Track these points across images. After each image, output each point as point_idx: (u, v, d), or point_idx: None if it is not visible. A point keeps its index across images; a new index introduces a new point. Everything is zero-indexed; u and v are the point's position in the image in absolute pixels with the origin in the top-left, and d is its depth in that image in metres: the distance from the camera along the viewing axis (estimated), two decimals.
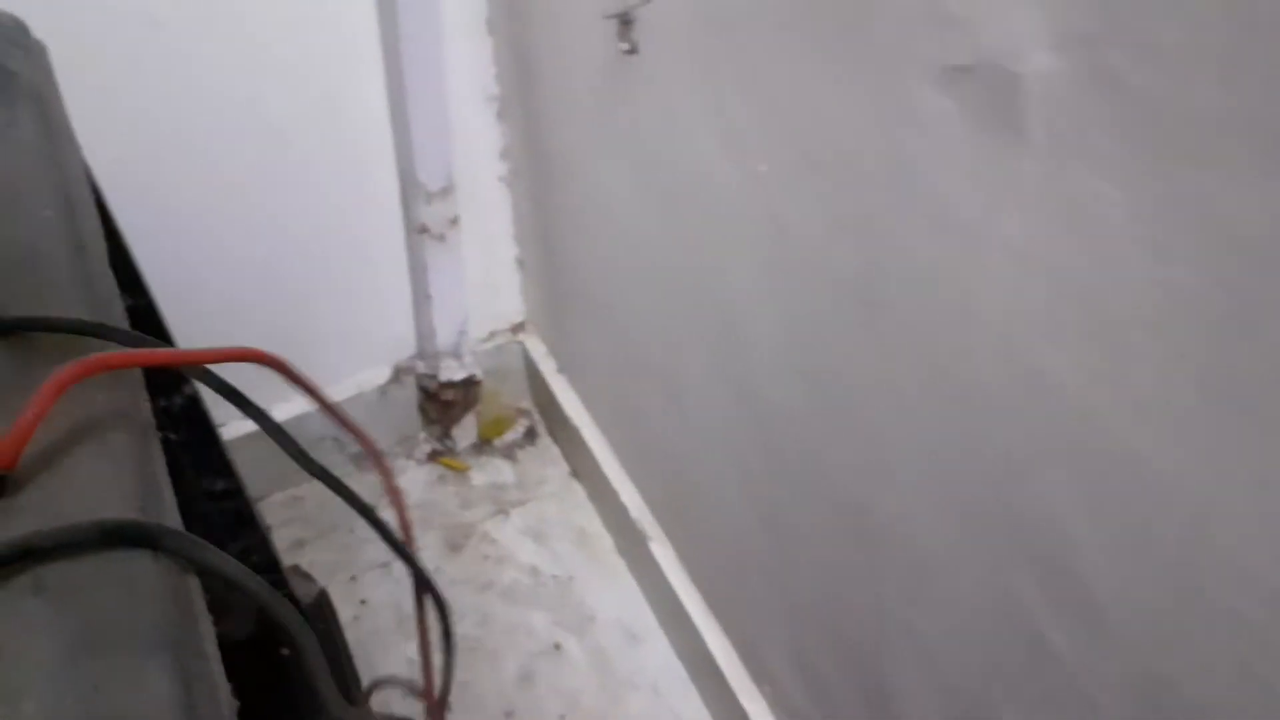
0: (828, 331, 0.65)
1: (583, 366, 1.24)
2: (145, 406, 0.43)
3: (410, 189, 1.08)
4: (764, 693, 0.98)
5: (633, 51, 0.75)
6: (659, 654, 1.13)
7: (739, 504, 0.90)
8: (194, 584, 0.37)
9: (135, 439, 0.39)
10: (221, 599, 0.42)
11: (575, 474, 1.32)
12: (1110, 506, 0.47)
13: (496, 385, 1.35)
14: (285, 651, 1.04)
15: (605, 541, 1.25)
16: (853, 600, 0.75)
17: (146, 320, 0.77)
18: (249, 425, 0.54)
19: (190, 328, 0.79)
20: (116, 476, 0.37)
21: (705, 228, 0.77)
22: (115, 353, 0.35)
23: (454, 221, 1.12)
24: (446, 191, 1.09)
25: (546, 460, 1.36)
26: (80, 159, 0.56)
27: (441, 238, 1.12)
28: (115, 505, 0.35)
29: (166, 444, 0.45)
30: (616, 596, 1.19)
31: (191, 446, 0.90)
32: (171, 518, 0.39)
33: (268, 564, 1.05)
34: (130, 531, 0.34)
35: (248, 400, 0.49)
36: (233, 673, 0.38)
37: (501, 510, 1.30)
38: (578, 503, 1.30)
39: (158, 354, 0.37)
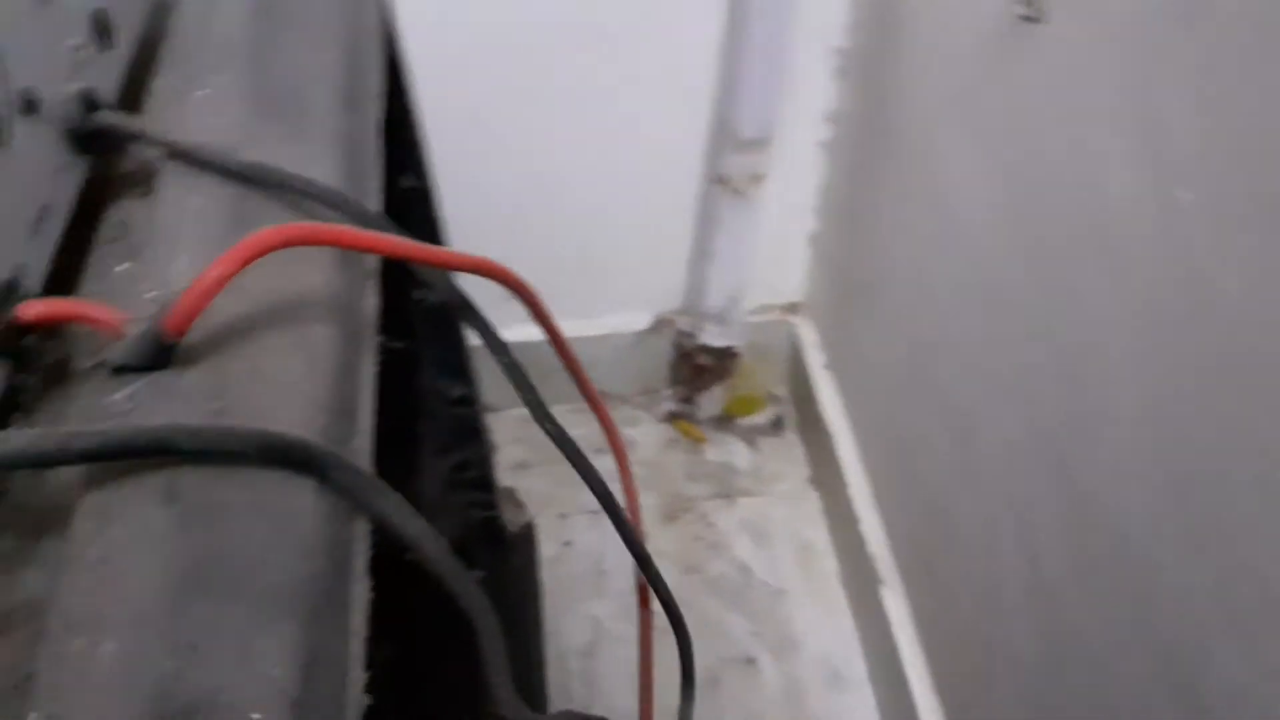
0: (1223, 429, 0.50)
1: (855, 368, 1.11)
2: (370, 302, 0.36)
3: (720, 131, 0.99)
4: None
5: (1033, 19, 0.61)
6: (861, 708, 1.00)
7: (1010, 586, 0.75)
8: (359, 533, 0.29)
9: (343, 338, 0.32)
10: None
11: (815, 481, 1.20)
12: None
13: (755, 363, 1.25)
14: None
15: (830, 564, 1.12)
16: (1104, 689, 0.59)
17: (418, 205, 0.72)
18: (505, 337, 0.48)
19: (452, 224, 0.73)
20: (305, 378, 0.29)
21: (1070, 253, 0.62)
22: (329, 226, 0.27)
23: (758, 179, 1.02)
24: (759, 144, 0.98)
25: (788, 456, 1.24)
26: (384, 11, 0.50)
27: (739, 193, 1.03)
28: (292, 414, 0.28)
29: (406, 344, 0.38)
30: (829, 629, 1.07)
31: (435, 345, 0.87)
32: (360, 445, 0.31)
33: (483, 481, 1.02)
34: (296, 453, 0.27)
35: (487, 324, 0.41)
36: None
37: (727, 495, 1.20)
38: (810, 513, 1.18)
39: (391, 243, 0.29)
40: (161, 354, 0.27)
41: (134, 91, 0.39)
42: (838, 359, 1.16)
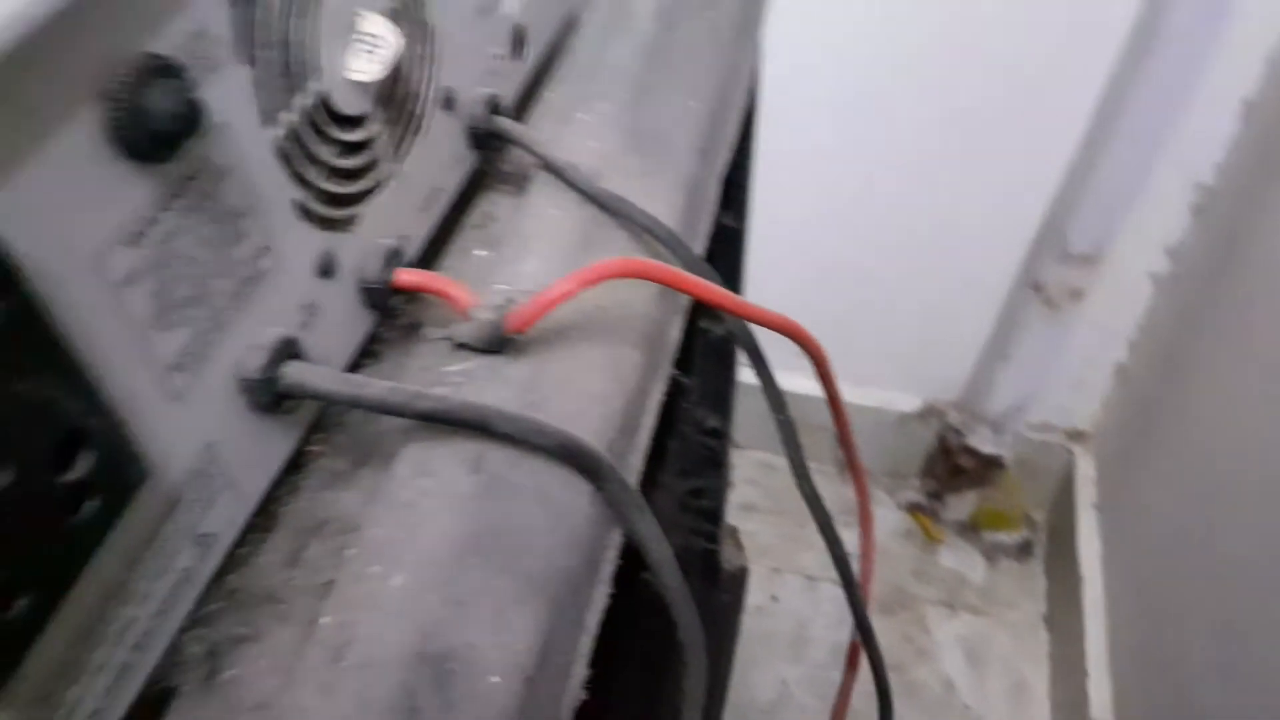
0: None
1: (1127, 516, 1.03)
2: (674, 335, 0.38)
3: (1048, 237, 0.96)
4: None
5: None
6: None
7: None
8: (613, 542, 0.32)
9: (645, 366, 0.35)
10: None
11: (1049, 620, 1.12)
12: None
13: (1019, 479, 1.19)
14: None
15: (1042, 711, 1.05)
16: None
17: (730, 243, 0.75)
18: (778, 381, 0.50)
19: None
20: (605, 396, 0.32)
21: None
22: (664, 266, 0.30)
23: (1076, 294, 0.97)
24: (1088, 260, 0.94)
25: (1027, 586, 1.17)
26: (754, 64, 0.53)
27: (1052, 304, 0.98)
28: (589, 423, 0.31)
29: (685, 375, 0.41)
30: None
31: (705, 374, 0.89)
32: (634, 463, 0.34)
33: (713, 514, 1.04)
34: (586, 459, 0.29)
35: (771, 375, 0.42)
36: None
37: (950, 605, 1.15)
38: (1035, 650, 1.11)
39: (711, 290, 0.32)
40: (498, 343, 0.31)
41: (525, 100, 0.44)
42: (1110, 501, 1.08)
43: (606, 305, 0.34)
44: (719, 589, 1.09)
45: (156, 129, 0.21)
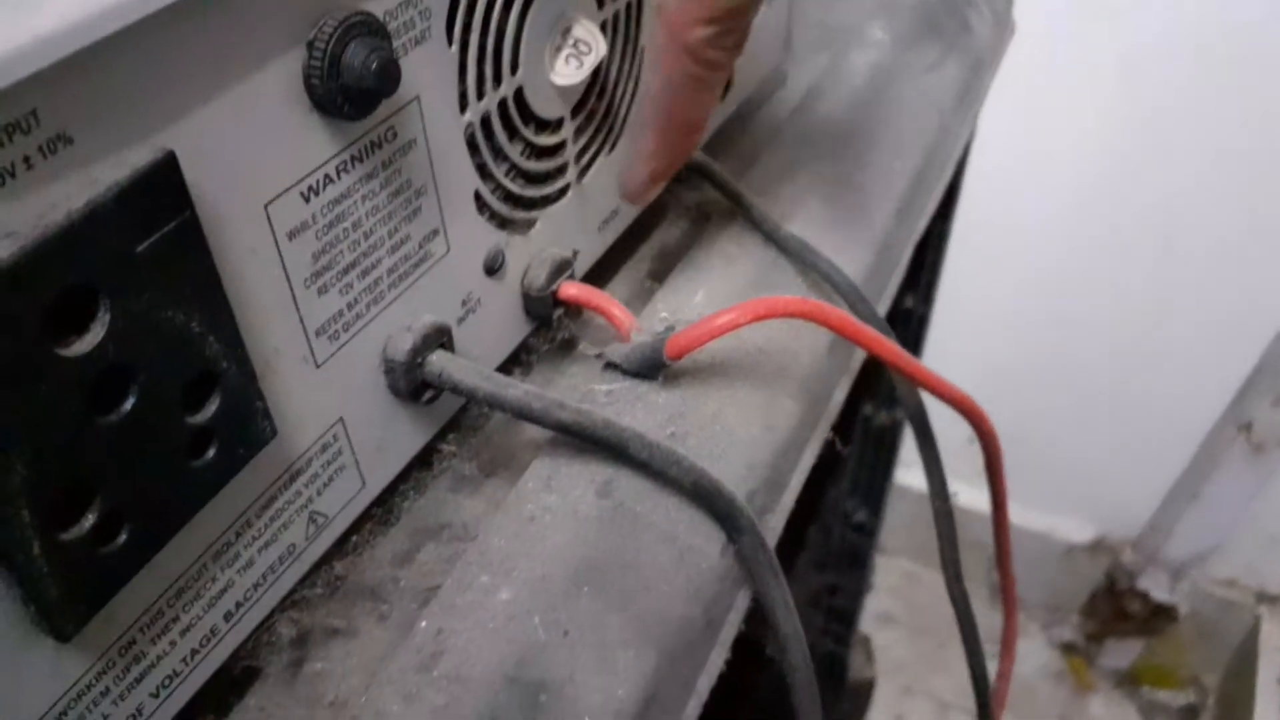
0: None
1: None
2: (838, 397, 0.36)
3: (1264, 376, 0.87)
4: None
5: None
6: None
7: None
8: (739, 603, 0.29)
9: (801, 419, 0.32)
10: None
11: None
12: None
13: (1192, 635, 1.07)
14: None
15: None
16: None
17: (910, 327, 0.72)
18: (916, 480, 0.45)
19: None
20: (753, 442, 0.30)
21: None
22: (837, 311, 0.28)
23: None
24: None
25: None
26: (966, 140, 0.50)
27: (1260, 448, 0.89)
28: (732, 467, 0.29)
29: (835, 451, 0.38)
30: None
31: (863, 463, 0.85)
32: (774, 524, 0.31)
33: (846, 615, 0.98)
34: (722, 504, 0.27)
35: (940, 465, 0.39)
36: None
37: None
38: None
39: (888, 347, 0.29)
40: (652, 368, 0.29)
41: (720, 138, 0.43)
42: None
43: (770, 350, 0.32)
44: (842, 697, 1.02)
45: (351, 84, 0.21)
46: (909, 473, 1.19)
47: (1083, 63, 0.83)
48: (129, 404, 0.18)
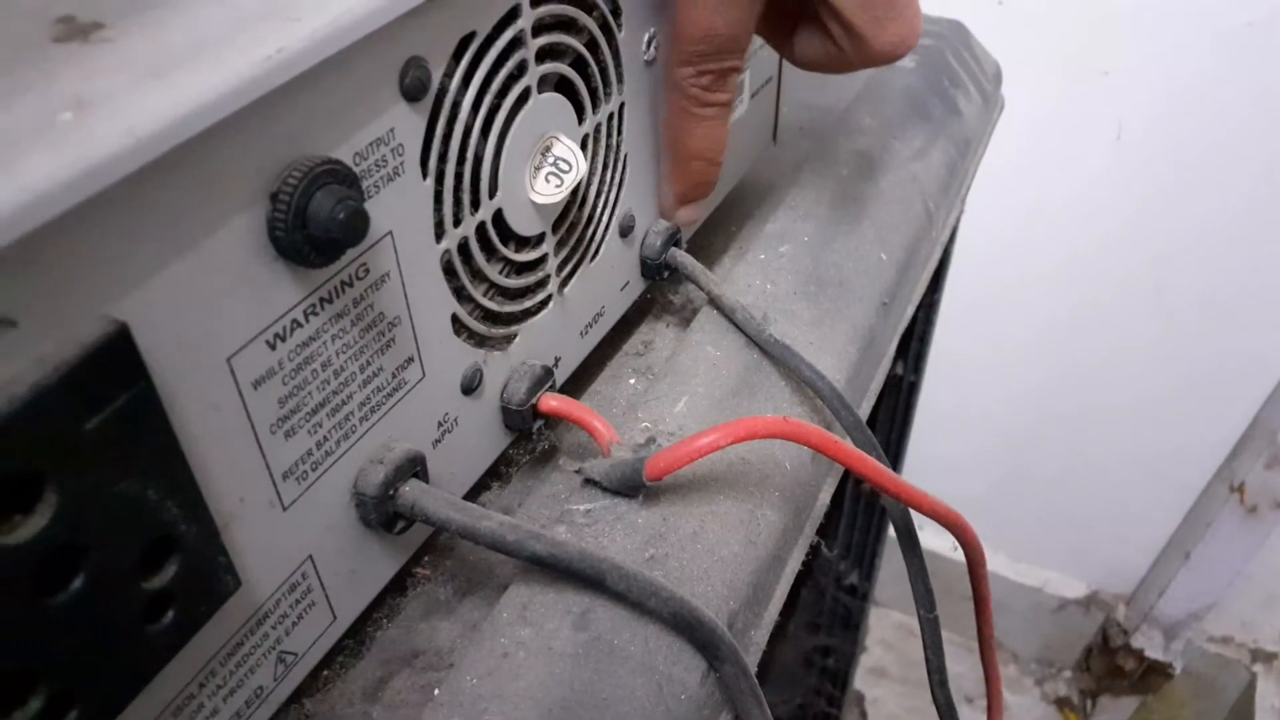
0: None
1: None
2: (823, 500, 0.35)
3: (1258, 437, 0.87)
4: None
5: None
6: None
7: None
8: None
9: (784, 529, 0.32)
10: None
11: None
12: None
13: (1187, 693, 1.06)
14: None
15: None
16: None
17: (900, 394, 0.71)
18: (925, 541, 0.44)
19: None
20: (737, 558, 0.30)
21: None
22: (819, 432, 0.27)
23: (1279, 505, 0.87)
24: None
25: None
26: (954, 221, 0.50)
27: (1253, 510, 0.89)
28: (713, 588, 0.28)
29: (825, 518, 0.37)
30: None
31: (854, 526, 0.85)
32: (758, 639, 0.31)
33: (838, 676, 0.97)
34: (702, 633, 0.27)
35: (925, 572, 0.39)
36: None
37: None
38: None
39: (869, 466, 0.29)
40: (632, 487, 0.29)
41: (704, 231, 0.43)
42: None
43: (753, 459, 0.32)
44: None
45: (318, 235, 0.20)
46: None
47: (1074, 128, 0.83)
48: (78, 582, 0.17)
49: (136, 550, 0.18)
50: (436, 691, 0.25)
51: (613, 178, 0.32)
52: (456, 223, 0.26)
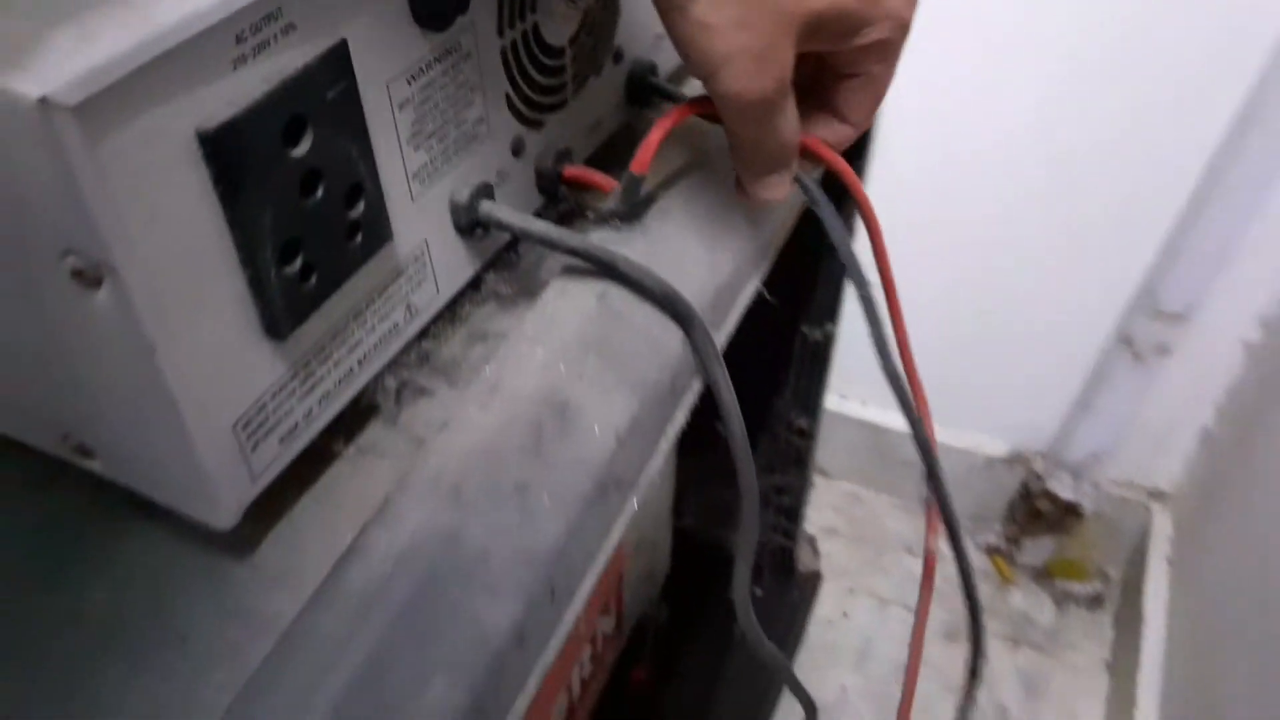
0: None
1: (1197, 572, 1.06)
2: (778, 242, 0.48)
3: (1142, 294, 1.01)
4: None
5: None
6: None
7: None
8: (694, 387, 0.41)
9: (739, 271, 0.45)
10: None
11: (1111, 668, 1.15)
12: None
13: (1096, 533, 1.22)
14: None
15: None
16: None
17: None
18: (855, 409, 0.53)
19: None
20: (703, 281, 0.42)
21: None
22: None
23: (1163, 351, 1.02)
24: (1177, 319, 0.99)
25: (1092, 634, 1.20)
26: None
27: (1140, 359, 1.03)
28: (691, 286, 0.41)
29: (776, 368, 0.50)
30: None
31: (801, 376, 0.98)
32: (720, 337, 0.44)
33: (792, 511, 1.11)
34: (683, 308, 0.39)
35: (854, 261, 0.48)
36: None
37: (1014, 639, 1.19)
38: (1092, 692, 1.14)
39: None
40: (634, 208, 0.41)
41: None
42: (1184, 557, 1.11)
43: (717, 211, 0.44)
44: (792, 586, 1.16)
45: (439, 5, 0.32)
46: (846, 403, 1.33)
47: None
48: (320, 193, 0.30)
49: (345, 186, 0.31)
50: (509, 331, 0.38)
51: (610, 16, 0.44)
52: (512, 25, 0.38)
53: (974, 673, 0.62)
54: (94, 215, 0.23)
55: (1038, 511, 1.21)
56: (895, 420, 1.38)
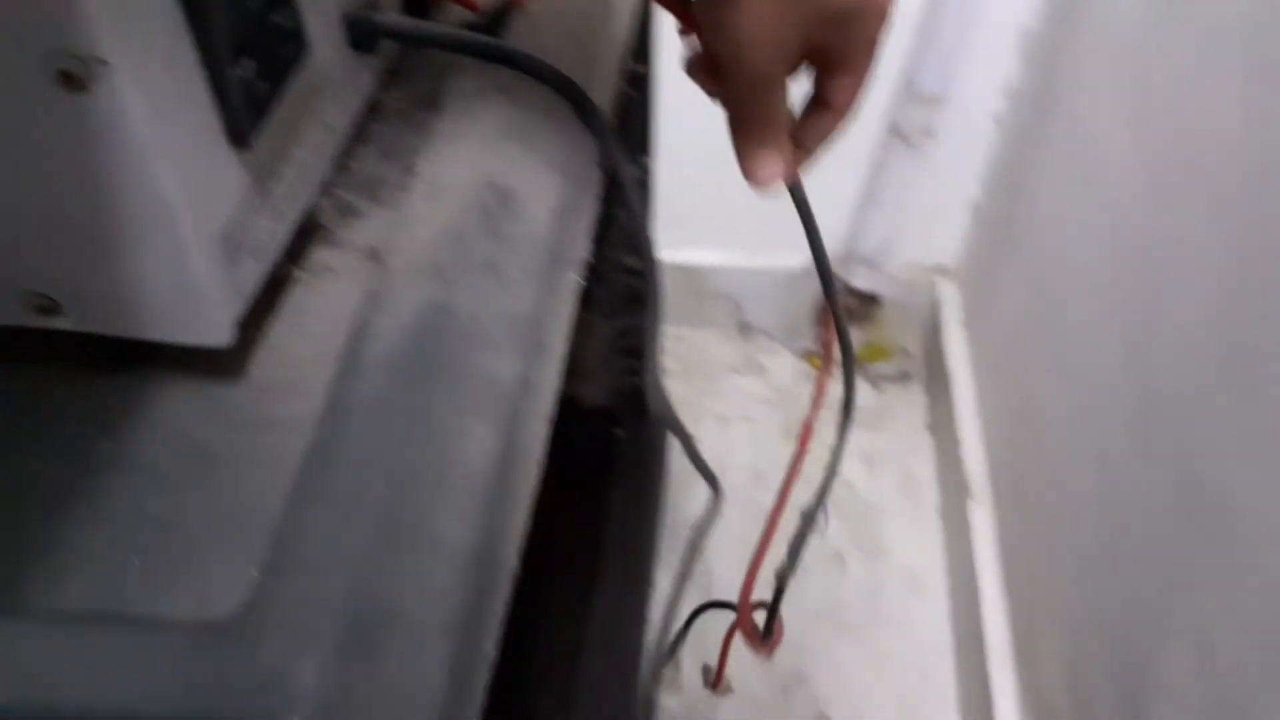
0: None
1: (988, 325, 1.21)
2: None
3: (906, 85, 1.11)
4: (1019, 675, 0.94)
5: None
6: (932, 613, 1.11)
7: (1082, 477, 0.85)
8: (596, 160, 0.44)
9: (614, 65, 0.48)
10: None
11: (932, 428, 1.30)
12: None
13: (894, 316, 1.36)
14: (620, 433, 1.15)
15: (930, 495, 1.23)
16: (1152, 582, 0.70)
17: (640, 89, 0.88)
18: (667, 255, 0.54)
19: None
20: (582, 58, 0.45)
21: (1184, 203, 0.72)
22: None
23: (930, 133, 1.13)
24: (936, 101, 1.10)
25: (910, 403, 1.35)
26: None
27: (910, 144, 1.14)
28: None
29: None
30: (917, 548, 1.18)
31: (624, 219, 1.02)
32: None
33: (636, 350, 1.17)
34: (578, 94, 0.42)
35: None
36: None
37: None
38: (920, 451, 1.29)
39: None
40: (497, 20, 0.43)
41: None
42: (974, 317, 1.26)
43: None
44: (647, 424, 1.22)
45: None
46: (666, 252, 1.38)
47: None
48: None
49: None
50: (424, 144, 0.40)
51: None
52: None
53: (847, 413, 0.70)
54: (88, 9, 0.24)
55: (843, 307, 1.34)
56: (702, 257, 1.46)
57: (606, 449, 1.31)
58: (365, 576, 0.28)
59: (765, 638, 0.74)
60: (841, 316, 0.61)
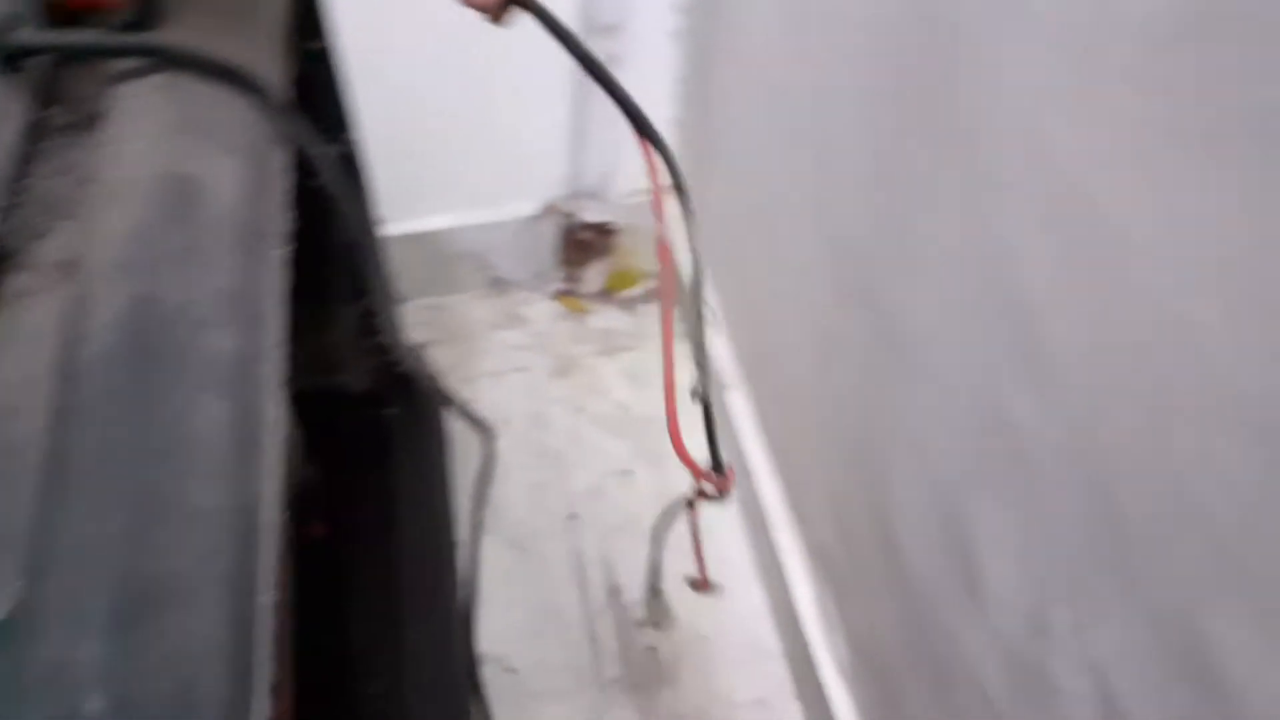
0: (895, 154, 0.70)
1: (713, 233, 1.30)
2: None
3: (584, 17, 1.16)
4: (799, 533, 1.04)
5: None
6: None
7: (805, 342, 0.95)
8: (278, 139, 0.46)
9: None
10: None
11: (684, 336, 1.39)
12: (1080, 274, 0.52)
13: (632, 242, 1.43)
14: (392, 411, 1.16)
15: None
16: (873, 414, 0.81)
17: (322, 67, 0.88)
18: (405, 228, 0.54)
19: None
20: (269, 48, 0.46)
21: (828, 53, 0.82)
22: None
23: (616, 61, 1.19)
24: (615, 29, 1.16)
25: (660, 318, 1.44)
26: None
27: (612, 59, 1.20)
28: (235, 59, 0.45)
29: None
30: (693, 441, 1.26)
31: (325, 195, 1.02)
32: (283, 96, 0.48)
33: (389, 330, 1.18)
34: (250, 80, 0.43)
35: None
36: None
37: (608, 352, 1.39)
38: (681, 361, 1.37)
39: None
40: (147, 14, 0.44)
41: None
42: (700, 227, 1.35)
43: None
44: (415, 396, 1.24)
45: None
46: (391, 226, 1.38)
47: None
48: None
49: None
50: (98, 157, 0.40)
51: None
52: None
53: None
54: None
55: (582, 244, 1.39)
56: (437, 221, 1.47)
57: (383, 430, 1.32)
58: (129, 555, 0.30)
59: (719, 473, 0.77)
60: (667, 148, 0.65)
